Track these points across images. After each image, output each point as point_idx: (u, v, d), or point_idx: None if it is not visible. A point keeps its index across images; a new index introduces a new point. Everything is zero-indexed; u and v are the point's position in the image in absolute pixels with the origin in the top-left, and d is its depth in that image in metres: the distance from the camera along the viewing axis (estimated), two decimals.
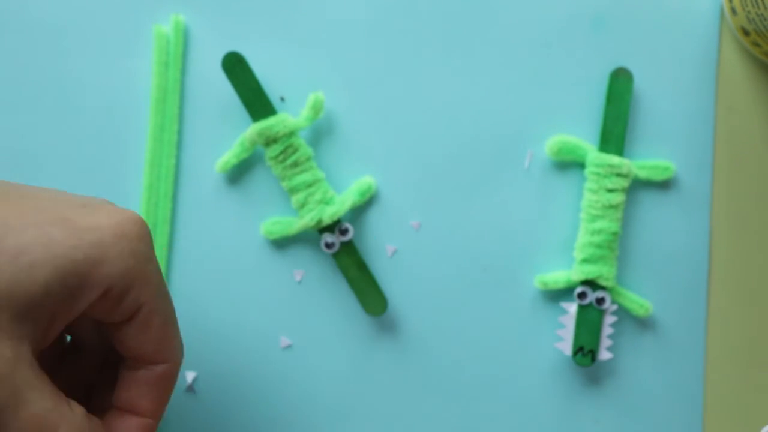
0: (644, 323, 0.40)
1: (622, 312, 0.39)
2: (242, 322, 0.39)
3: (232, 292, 0.39)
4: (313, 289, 0.40)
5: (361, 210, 0.40)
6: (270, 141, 0.38)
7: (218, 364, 0.39)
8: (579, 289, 0.38)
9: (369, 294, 0.38)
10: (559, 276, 0.39)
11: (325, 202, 0.38)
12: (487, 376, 0.40)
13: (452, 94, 0.40)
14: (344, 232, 0.38)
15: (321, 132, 0.40)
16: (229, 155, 0.38)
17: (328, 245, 0.38)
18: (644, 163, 0.39)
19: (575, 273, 0.38)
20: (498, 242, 0.40)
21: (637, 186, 0.40)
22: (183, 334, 0.34)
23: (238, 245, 0.39)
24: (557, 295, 0.40)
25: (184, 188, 0.40)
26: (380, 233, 0.40)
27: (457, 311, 0.40)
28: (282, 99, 0.40)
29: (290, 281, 0.40)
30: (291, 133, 0.38)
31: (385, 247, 0.40)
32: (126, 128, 0.40)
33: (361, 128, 0.40)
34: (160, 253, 0.39)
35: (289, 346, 0.39)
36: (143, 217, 0.36)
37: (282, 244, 0.40)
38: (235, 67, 0.38)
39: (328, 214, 0.38)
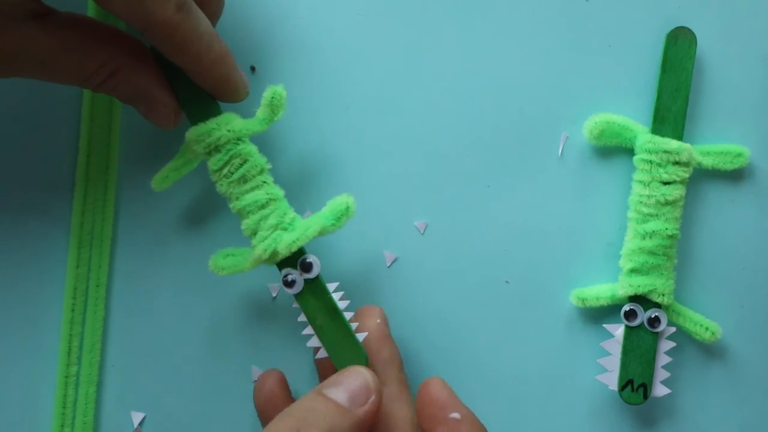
0: (711, 350, 0.38)
1: (683, 336, 0.38)
2: (202, 350, 0.38)
3: (189, 312, 0.38)
4: (294, 307, 0.36)
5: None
6: (211, 150, 0.34)
7: (172, 403, 0.37)
8: (627, 307, 0.37)
9: (342, 347, 0.33)
10: (602, 290, 0.37)
11: (282, 227, 0.34)
12: (511, 417, 0.38)
13: (467, 63, 0.38)
14: (308, 267, 0.34)
15: (295, 103, 0.38)
16: (168, 169, 0.35)
17: (288, 283, 0.34)
18: (710, 147, 0.38)
19: (622, 287, 0.37)
20: (524, 248, 0.38)
21: (701, 177, 0.38)
22: (127, 362, 0.36)
23: (197, 251, 0.38)
24: (599, 315, 0.38)
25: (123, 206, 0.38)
26: (377, 237, 0.38)
27: (473, 336, 0.38)
28: (253, 69, 0.37)
29: (264, 298, 0.38)
30: (237, 140, 0.34)
31: (382, 254, 0.38)
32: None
33: (354, 106, 0.38)
34: (100, 263, 0.37)
35: None
36: (78, 221, 0.37)
37: None
38: None
39: (285, 244, 0.33)
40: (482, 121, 0.38)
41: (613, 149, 0.38)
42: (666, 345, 0.37)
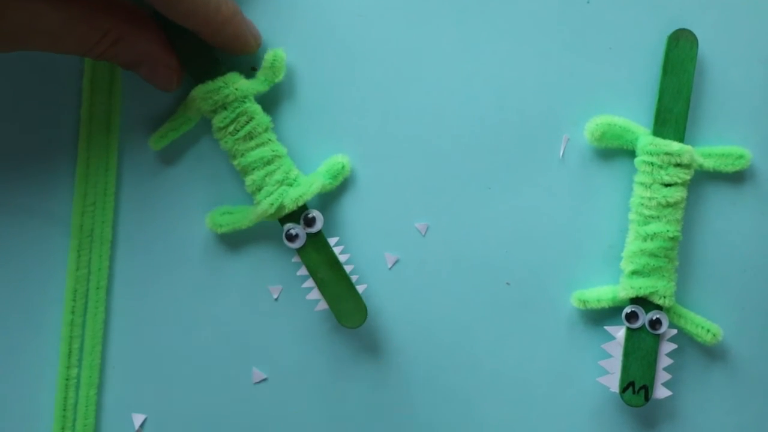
0: (712, 353, 0.38)
1: (684, 338, 0.38)
2: (203, 352, 0.38)
3: (190, 314, 0.38)
4: (296, 308, 0.38)
5: (353, 209, 0.38)
6: (217, 107, 0.35)
7: (173, 404, 0.38)
8: (628, 309, 0.37)
9: (343, 300, 0.35)
10: (603, 292, 0.37)
11: (288, 183, 0.35)
12: (512, 419, 0.38)
13: (468, 65, 0.38)
14: (311, 221, 0.35)
15: (298, 105, 0.38)
16: (166, 128, 0.36)
17: (291, 237, 0.35)
18: (711, 149, 0.37)
19: (623, 289, 0.37)
20: (525, 250, 0.38)
21: (703, 179, 0.38)
22: (128, 364, 0.36)
23: (198, 253, 0.38)
24: (600, 317, 0.38)
25: (125, 178, 0.37)
26: (377, 239, 0.38)
27: (474, 337, 0.38)
28: (253, 70, 0.37)
29: (264, 299, 0.38)
30: (244, 98, 0.35)
31: (383, 256, 0.38)
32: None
33: (355, 108, 0.38)
34: (100, 265, 0.37)
35: (263, 381, 0.38)
36: (78, 224, 0.36)
37: (254, 250, 0.38)
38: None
39: (291, 198, 0.35)
40: (483, 123, 0.38)
41: (615, 151, 0.38)
42: (667, 347, 0.36)
